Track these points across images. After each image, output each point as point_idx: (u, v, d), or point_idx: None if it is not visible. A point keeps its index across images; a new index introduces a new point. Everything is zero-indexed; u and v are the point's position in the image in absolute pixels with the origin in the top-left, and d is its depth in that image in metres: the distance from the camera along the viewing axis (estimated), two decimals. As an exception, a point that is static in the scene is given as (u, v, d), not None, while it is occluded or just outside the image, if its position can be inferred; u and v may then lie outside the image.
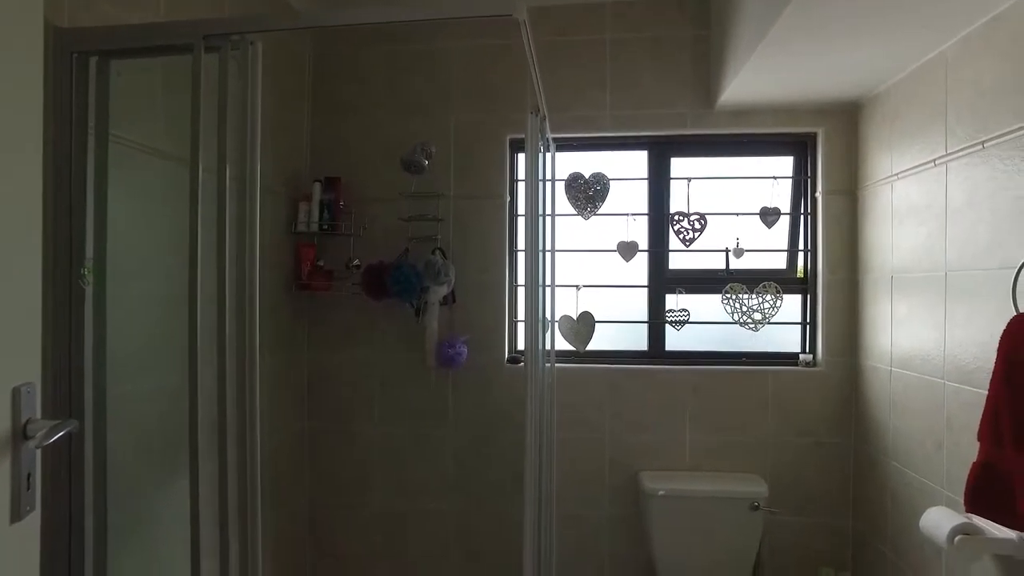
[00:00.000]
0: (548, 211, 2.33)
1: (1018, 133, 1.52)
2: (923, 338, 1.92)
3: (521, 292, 2.45)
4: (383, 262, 2.37)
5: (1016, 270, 1.46)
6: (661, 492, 2.26)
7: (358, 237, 2.43)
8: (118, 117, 1.43)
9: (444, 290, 2.35)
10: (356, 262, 2.42)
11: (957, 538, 1.55)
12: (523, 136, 1.77)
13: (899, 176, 2.06)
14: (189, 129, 1.29)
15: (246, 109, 1.32)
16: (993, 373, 1.46)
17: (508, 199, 2.49)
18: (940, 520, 1.63)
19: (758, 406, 2.41)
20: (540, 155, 2.09)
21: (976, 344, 1.66)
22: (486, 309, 2.47)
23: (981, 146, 1.65)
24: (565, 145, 2.52)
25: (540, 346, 1.99)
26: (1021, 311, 1.42)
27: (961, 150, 1.73)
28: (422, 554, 2.50)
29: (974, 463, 1.50)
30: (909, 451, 2.00)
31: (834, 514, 2.39)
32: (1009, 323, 1.43)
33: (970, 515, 1.61)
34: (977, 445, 1.50)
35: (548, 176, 2.34)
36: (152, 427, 1.58)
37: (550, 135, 2.32)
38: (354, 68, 2.53)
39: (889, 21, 1.70)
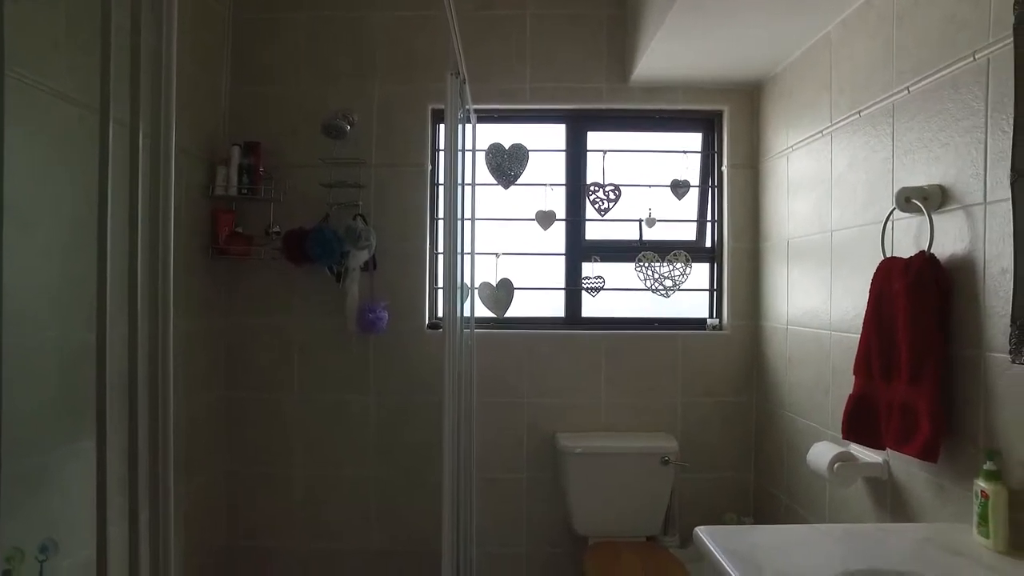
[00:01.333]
0: (469, 180, 2.40)
1: (885, 102, 1.69)
2: (813, 296, 2.08)
3: (442, 259, 2.50)
4: (303, 228, 2.38)
5: (884, 219, 1.62)
6: (578, 450, 2.36)
7: (278, 203, 2.43)
8: (17, 50, 1.39)
9: (365, 255, 2.38)
10: (276, 228, 2.41)
11: (836, 465, 1.71)
12: (445, 106, 1.82)
13: (793, 148, 2.23)
14: (99, 76, 1.27)
15: (160, 60, 1.31)
16: (866, 313, 1.61)
17: (430, 168, 2.54)
18: (823, 452, 1.78)
19: (668, 368, 2.54)
20: (461, 123, 2.16)
21: (856, 293, 1.82)
22: (407, 275, 2.51)
23: (858, 115, 1.82)
24: (486, 117, 2.59)
25: (459, 313, 2.05)
26: (888, 255, 1.58)
27: (843, 120, 1.90)
28: (343, 521, 2.51)
29: (849, 395, 1.66)
30: (802, 401, 2.16)
31: (738, 467, 2.55)
32: (878, 266, 1.59)
33: (848, 446, 1.77)
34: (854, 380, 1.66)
35: (469, 147, 2.40)
36: (54, 382, 1.54)
37: (471, 105, 2.38)
38: (275, 32, 2.51)
39: (779, 5, 1.86)
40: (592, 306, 2.61)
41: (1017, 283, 1.22)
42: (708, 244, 2.65)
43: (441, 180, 2.54)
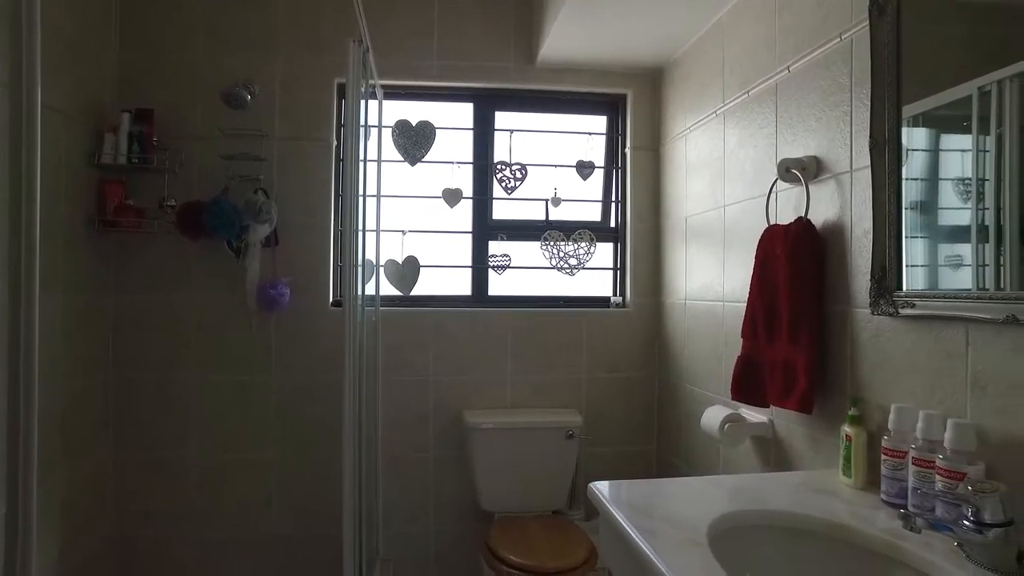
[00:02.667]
0: (375, 157, 2.37)
1: (769, 81, 1.79)
2: (709, 269, 2.17)
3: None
4: (200, 201, 2.28)
5: (768, 190, 1.72)
6: (484, 426, 2.37)
7: (173, 175, 2.31)
8: None
9: (266, 230, 2.30)
10: (171, 201, 2.30)
11: (726, 426, 1.79)
12: (346, 76, 1.79)
13: (691, 129, 2.32)
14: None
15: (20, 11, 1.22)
16: (751, 279, 1.70)
17: (335, 143, 2.49)
18: (714, 415, 1.86)
19: (574, 346, 2.60)
20: (365, 97, 2.13)
21: (747, 263, 1.89)
22: (311, 252, 2.44)
23: (747, 95, 1.92)
24: (393, 93, 2.56)
25: (360, 290, 2.02)
26: (772, 223, 1.68)
27: (733, 100, 2.00)
28: (241, 507, 2.42)
29: (737, 357, 1.75)
30: (698, 371, 2.25)
31: (640, 439, 2.64)
32: (762, 233, 1.68)
33: (739, 409, 1.86)
34: (741, 343, 1.75)
35: (375, 123, 2.37)
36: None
37: (377, 81, 2.35)
38: (170, -4, 2.40)
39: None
40: (499, 284, 2.63)
41: (876, 242, 1.32)
42: (612, 224, 2.72)
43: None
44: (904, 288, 1.27)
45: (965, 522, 0.95)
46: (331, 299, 2.47)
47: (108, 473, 2.34)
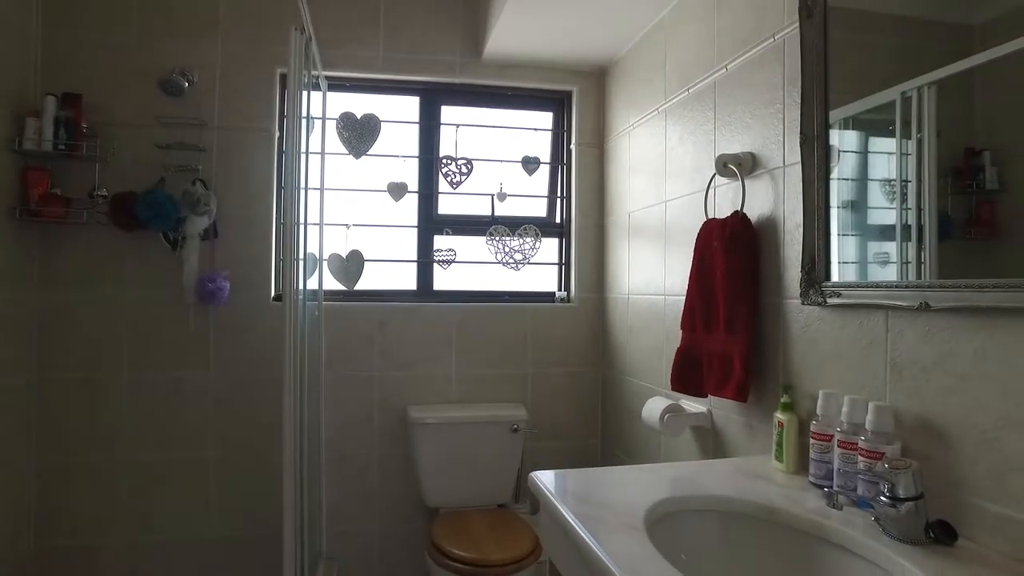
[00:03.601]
0: (318, 149, 2.33)
1: (708, 79, 1.83)
2: (651, 264, 2.21)
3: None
4: (134, 192, 2.20)
5: (707, 186, 1.76)
6: (429, 421, 2.36)
7: (104, 163, 2.22)
8: None
9: (205, 221, 2.24)
10: (103, 191, 2.21)
11: (666, 416, 1.83)
12: (288, 65, 1.75)
13: (634, 126, 2.36)
14: None
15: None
16: (690, 272, 1.74)
17: (278, 134, 2.43)
18: (655, 407, 1.90)
19: (519, 340, 2.61)
20: (308, 88, 2.09)
21: (687, 257, 1.93)
22: (252, 245, 2.38)
23: (687, 92, 1.96)
24: (338, 85, 2.52)
25: (302, 284, 1.98)
26: (710, 216, 1.72)
27: (675, 97, 2.04)
28: (177, 510, 2.34)
29: (677, 349, 1.78)
30: (641, 365, 2.29)
31: (585, 433, 2.67)
32: (701, 227, 1.72)
33: (680, 400, 1.90)
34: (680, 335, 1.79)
35: (319, 114, 2.34)
36: None
37: (321, 72, 2.32)
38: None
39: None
40: (444, 279, 2.62)
41: (805, 235, 1.37)
42: (557, 219, 2.74)
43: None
44: (832, 279, 1.33)
45: (882, 498, 1.00)
46: (273, 293, 2.42)
47: (31, 483, 2.23)
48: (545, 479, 1.32)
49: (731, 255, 1.57)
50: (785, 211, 1.48)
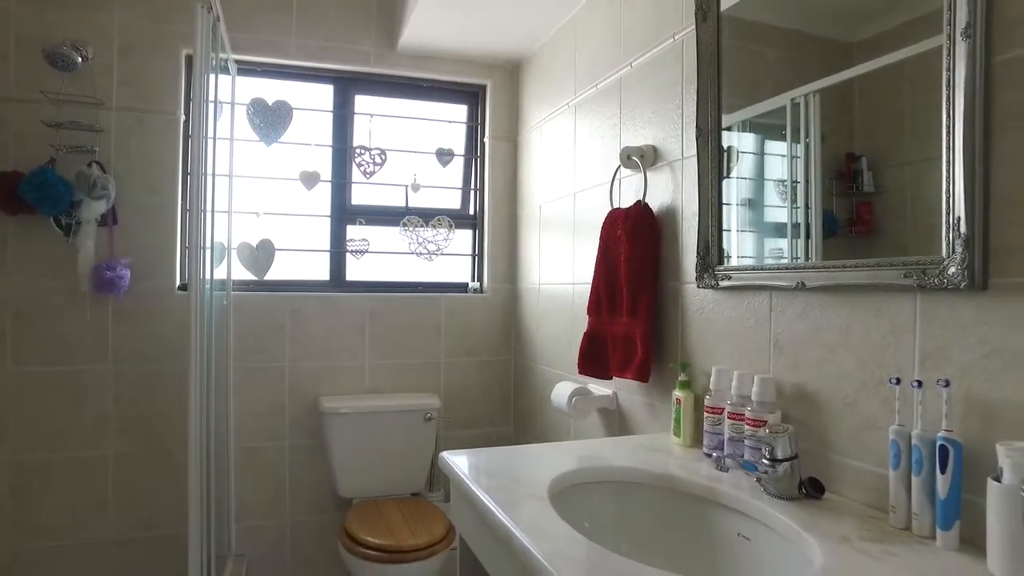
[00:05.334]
0: (227, 135, 2.27)
1: (614, 76, 1.92)
2: (561, 254, 2.28)
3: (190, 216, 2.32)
4: (19, 172, 2.07)
5: (612, 177, 1.84)
6: (341, 411, 2.34)
7: (-18, 141, 2.08)
8: None
9: (102, 206, 2.13)
10: (-20, 171, 2.07)
11: (574, 399, 1.90)
12: (194, 45, 1.70)
13: (546, 120, 2.43)
14: None
15: None
16: (596, 259, 1.82)
17: (183, 118, 2.35)
18: (563, 390, 1.96)
19: (432, 330, 2.63)
20: (216, 71, 2.03)
21: (594, 248, 2.02)
22: (155, 232, 2.29)
23: (595, 88, 2.04)
24: (249, 70, 2.46)
25: (209, 273, 1.93)
26: (615, 206, 1.80)
27: (584, 92, 2.11)
28: (68, 512, 2.21)
29: (583, 334, 1.86)
30: (551, 352, 2.36)
31: (498, 421, 2.72)
32: (606, 216, 1.79)
33: (586, 382, 1.97)
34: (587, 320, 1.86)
35: (228, 99, 2.27)
36: None
37: (231, 55, 2.25)
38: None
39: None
40: (357, 269, 2.60)
41: (700, 222, 1.47)
42: (471, 211, 2.78)
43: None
44: (724, 263, 1.42)
45: (763, 460, 1.09)
46: (178, 282, 2.33)
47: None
48: (455, 458, 1.35)
49: (634, 242, 1.65)
50: (683, 200, 1.58)
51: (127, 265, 2.20)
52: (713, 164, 1.44)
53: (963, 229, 0.89)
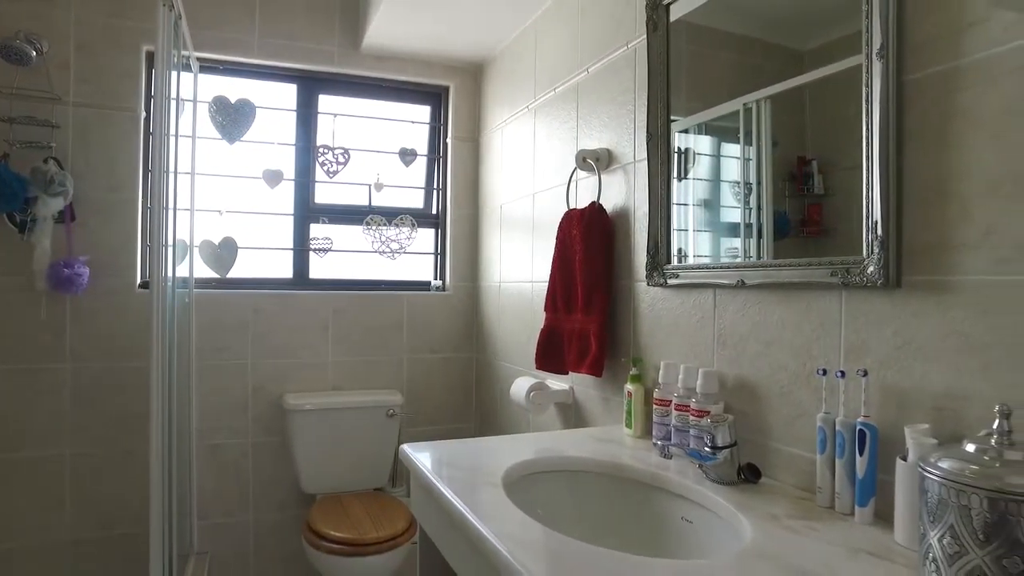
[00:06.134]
0: (190, 132, 2.27)
1: (572, 81, 1.98)
2: (521, 252, 2.34)
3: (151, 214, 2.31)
4: (-30, 168, 2.04)
5: (568, 178, 1.91)
6: (305, 407, 2.36)
7: (-70, 134, 2.05)
8: None
9: (59, 203, 2.12)
10: (-71, 166, 2.04)
11: (532, 394, 1.96)
12: (156, 43, 1.71)
13: (507, 122, 2.48)
14: None
15: None
16: (553, 257, 1.88)
17: (144, 115, 2.34)
18: (521, 386, 2.02)
19: (395, 328, 2.66)
20: (178, 69, 2.04)
21: (552, 247, 2.08)
22: (115, 230, 2.27)
23: (554, 92, 2.10)
24: (211, 68, 2.46)
25: (171, 271, 1.94)
26: (571, 207, 1.87)
27: (543, 96, 2.17)
28: (22, 513, 2.19)
29: (540, 330, 1.92)
30: (511, 348, 2.42)
31: (460, 417, 2.77)
32: (563, 216, 1.86)
33: (544, 377, 2.03)
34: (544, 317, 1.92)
35: (190, 97, 2.27)
36: None
37: (192, 52, 2.26)
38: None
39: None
40: (320, 268, 2.63)
41: (651, 222, 1.54)
42: (434, 211, 2.82)
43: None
44: (672, 262, 1.50)
45: (706, 448, 1.17)
46: (139, 280, 2.32)
47: None
48: (414, 450, 1.40)
49: (588, 242, 1.72)
50: (635, 202, 1.65)
51: (86, 263, 2.19)
52: (663, 168, 1.51)
53: (879, 231, 0.97)
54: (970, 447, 0.73)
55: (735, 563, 0.85)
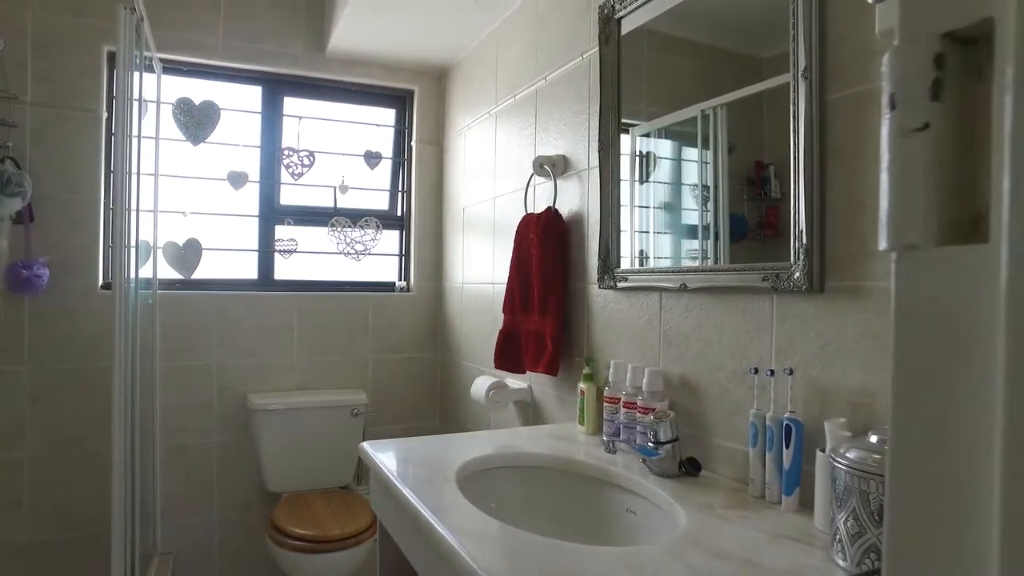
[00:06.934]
0: (152, 134, 2.27)
1: (531, 88, 2.04)
2: (482, 254, 2.39)
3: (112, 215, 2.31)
4: (-73, 169, 2.03)
5: (526, 183, 1.96)
6: (270, 407, 2.38)
7: None
8: None
9: (17, 204, 2.10)
10: None
11: (491, 392, 2.01)
12: (117, 46, 1.72)
13: (469, 127, 2.53)
14: None
15: None
16: (511, 260, 1.94)
17: (106, 115, 2.33)
18: (481, 384, 2.08)
19: (360, 328, 2.69)
20: (141, 70, 2.04)
21: (511, 249, 2.15)
22: (76, 231, 2.27)
23: (514, 98, 2.15)
24: (175, 69, 2.46)
25: (134, 272, 1.95)
26: (529, 211, 1.92)
27: (504, 102, 2.23)
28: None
29: (499, 331, 1.97)
30: (473, 348, 2.47)
31: (424, 416, 2.81)
32: (520, 220, 1.92)
33: (503, 376, 2.09)
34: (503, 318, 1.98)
35: (153, 98, 2.28)
36: None
37: (155, 53, 2.26)
38: None
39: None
40: (285, 269, 2.65)
41: (602, 227, 1.60)
42: (398, 213, 2.86)
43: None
44: (621, 266, 1.56)
45: (649, 443, 1.23)
46: (101, 281, 2.32)
47: None
48: (374, 448, 1.44)
49: (544, 245, 1.78)
50: (589, 207, 1.71)
51: (46, 264, 2.18)
52: (613, 175, 1.57)
53: (804, 240, 1.04)
54: (873, 438, 0.80)
55: (668, 548, 0.92)
